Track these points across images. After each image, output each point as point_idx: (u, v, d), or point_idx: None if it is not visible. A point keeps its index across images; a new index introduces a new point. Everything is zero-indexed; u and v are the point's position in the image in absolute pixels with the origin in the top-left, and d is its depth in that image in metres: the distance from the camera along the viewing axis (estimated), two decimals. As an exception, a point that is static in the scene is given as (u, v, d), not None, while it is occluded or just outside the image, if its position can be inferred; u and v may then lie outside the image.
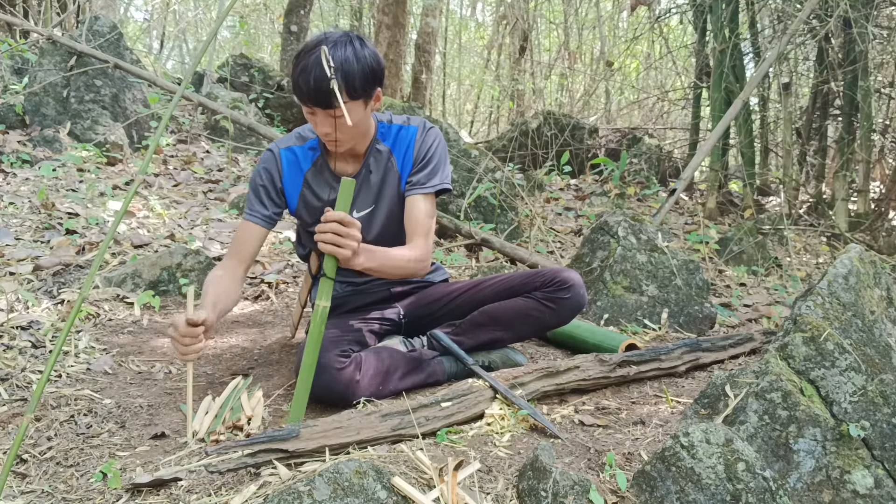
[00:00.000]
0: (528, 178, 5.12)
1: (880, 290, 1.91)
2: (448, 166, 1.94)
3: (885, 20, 5.41)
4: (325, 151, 1.90)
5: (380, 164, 1.89)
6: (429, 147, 1.89)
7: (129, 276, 2.63)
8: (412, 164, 1.89)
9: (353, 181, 1.55)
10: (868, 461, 1.41)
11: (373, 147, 1.88)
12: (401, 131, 1.91)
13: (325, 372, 1.65)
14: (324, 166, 1.89)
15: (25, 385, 1.80)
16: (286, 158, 1.89)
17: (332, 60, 1.60)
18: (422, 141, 1.89)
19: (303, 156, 1.90)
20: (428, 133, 1.90)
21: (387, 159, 1.89)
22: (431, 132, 1.91)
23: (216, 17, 12.15)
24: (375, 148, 1.89)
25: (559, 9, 9.65)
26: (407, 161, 1.89)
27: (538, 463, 1.30)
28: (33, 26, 5.66)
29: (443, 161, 1.92)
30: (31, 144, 4.38)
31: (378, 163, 1.89)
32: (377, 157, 1.89)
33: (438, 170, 1.90)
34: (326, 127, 1.71)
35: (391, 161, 1.89)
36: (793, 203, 5.08)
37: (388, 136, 1.91)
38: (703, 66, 5.56)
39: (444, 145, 1.93)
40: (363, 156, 1.88)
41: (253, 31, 12.63)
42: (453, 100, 11.91)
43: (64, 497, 1.30)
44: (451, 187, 1.94)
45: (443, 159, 1.92)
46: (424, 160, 1.88)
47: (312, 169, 1.89)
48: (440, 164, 1.90)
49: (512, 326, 1.92)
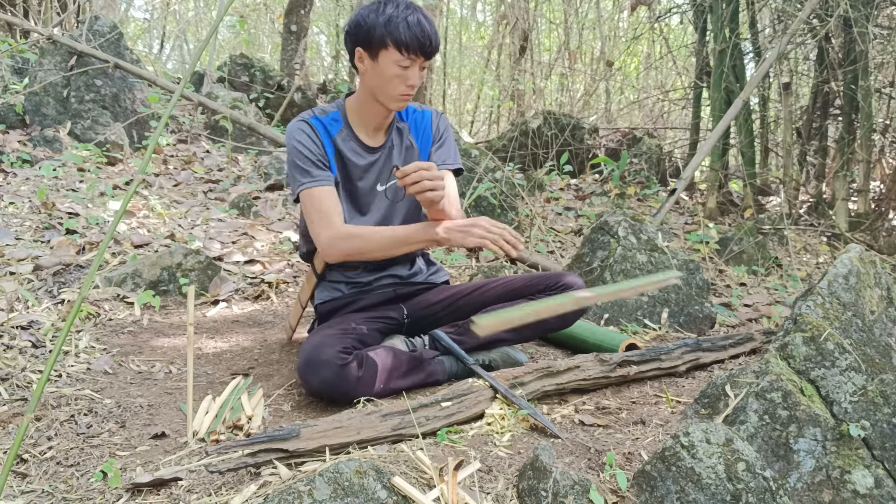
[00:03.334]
0: (529, 178, 5.12)
1: (880, 289, 1.91)
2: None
3: (885, 20, 5.41)
4: (348, 122, 1.96)
5: (402, 140, 2.00)
6: (444, 128, 2.04)
7: (129, 275, 2.63)
8: (431, 141, 2.01)
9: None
10: (868, 461, 1.41)
11: (394, 123, 1.99)
12: (416, 113, 2.03)
13: (327, 367, 1.66)
14: (350, 135, 1.96)
15: (25, 385, 1.80)
16: (318, 126, 1.94)
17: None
18: (437, 123, 2.03)
19: (329, 124, 1.96)
20: (442, 117, 2.06)
21: (406, 136, 2.01)
22: (444, 117, 2.07)
23: (216, 17, 12.14)
24: (396, 126, 1.99)
25: (559, 9, 9.65)
26: (426, 140, 2.01)
27: (538, 463, 1.30)
28: (33, 26, 5.66)
29: (456, 145, 2.06)
30: (32, 144, 4.38)
31: (400, 138, 2.00)
32: (398, 133, 2.00)
33: (455, 151, 2.04)
34: (417, 79, 1.80)
35: (410, 138, 2.01)
36: (793, 203, 5.08)
37: (405, 115, 2.02)
38: (703, 66, 5.56)
39: (452, 133, 2.09)
40: (386, 131, 1.98)
41: (253, 30, 12.62)
42: (453, 99, 11.90)
43: (64, 497, 1.30)
44: (463, 168, 2.07)
45: (455, 144, 2.06)
46: (442, 139, 2.01)
47: (340, 136, 1.95)
48: (455, 147, 2.05)
49: (514, 328, 1.92)
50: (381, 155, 1.97)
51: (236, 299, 2.76)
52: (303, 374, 1.69)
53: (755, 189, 5.20)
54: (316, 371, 1.66)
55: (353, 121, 1.94)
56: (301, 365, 1.70)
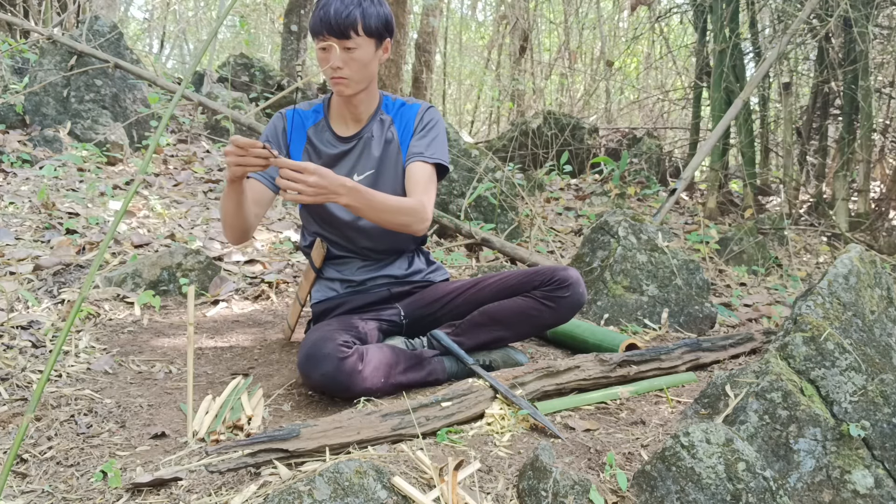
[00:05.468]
0: (529, 178, 5.12)
1: (880, 289, 1.91)
2: (446, 148, 1.99)
3: (885, 20, 5.41)
4: (328, 113, 1.97)
5: (382, 132, 1.96)
6: (429, 121, 1.97)
7: (129, 275, 2.63)
8: (412, 134, 1.95)
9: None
10: (868, 461, 1.41)
11: (377, 115, 1.96)
12: (403, 107, 2.00)
13: (328, 361, 1.65)
14: (325, 126, 1.96)
15: (26, 385, 1.80)
16: (291, 118, 1.97)
17: None
18: (422, 115, 1.97)
19: (306, 116, 1.98)
20: (429, 110, 1.99)
21: (388, 128, 1.96)
22: (432, 111, 2.00)
23: (216, 17, 12.15)
24: (379, 117, 1.97)
25: (559, 8, 9.65)
26: (407, 132, 1.96)
27: (538, 463, 1.30)
28: (33, 26, 5.66)
29: (442, 139, 1.97)
30: (32, 144, 4.38)
31: (381, 130, 1.96)
32: (380, 124, 1.96)
33: (438, 145, 1.95)
34: (338, 61, 1.77)
35: (392, 130, 1.96)
36: (793, 203, 5.08)
37: (391, 108, 1.99)
38: (704, 66, 5.56)
39: (443, 126, 2.00)
40: (365, 121, 1.96)
41: (253, 30, 12.63)
42: (453, 99, 11.91)
43: (64, 497, 1.30)
44: (449, 167, 1.98)
45: (441, 138, 1.97)
46: (424, 130, 1.95)
47: (314, 127, 1.96)
48: (439, 140, 1.96)
49: (512, 326, 1.92)
50: (354, 145, 1.96)
51: (236, 299, 2.76)
52: (303, 369, 1.69)
53: (755, 189, 5.20)
54: (316, 365, 1.66)
55: (332, 112, 1.98)
56: (301, 359, 1.70)
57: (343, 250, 2.03)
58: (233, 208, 1.77)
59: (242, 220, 1.82)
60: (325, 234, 2.02)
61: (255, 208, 1.88)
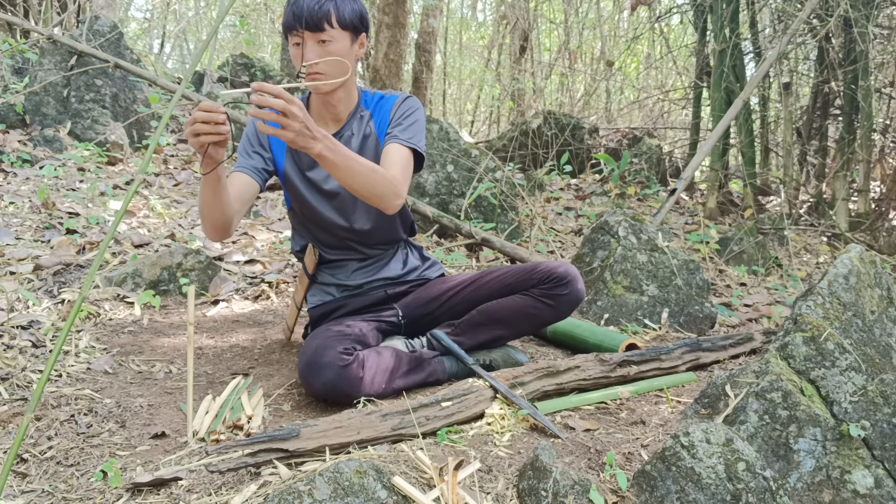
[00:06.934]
0: (529, 178, 5.12)
1: (881, 289, 1.91)
2: (424, 137, 1.94)
3: (885, 20, 5.41)
4: (309, 110, 1.94)
5: (361, 128, 1.94)
6: (407, 109, 1.93)
7: (129, 275, 2.63)
8: (388, 124, 1.92)
9: None
10: (868, 461, 1.41)
11: (356, 113, 1.94)
12: (382, 100, 1.97)
13: (329, 369, 1.65)
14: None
15: (26, 384, 1.80)
16: None
17: None
18: (399, 104, 1.94)
19: None
20: (407, 100, 1.95)
21: (367, 123, 1.94)
22: (411, 100, 1.96)
23: (216, 17, 12.14)
24: (359, 114, 1.94)
25: (559, 8, 9.65)
26: (384, 123, 1.93)
27: (538, 462, 1.30)
28: (34, 26, 5.66)
29: (419, 127, 1.92)
30: (32, 144, 4.38)
31: (359, 126, 1.94)
32: (359, 121, 1.94)
33: (415, 132, 1.90)
34: (312, 55, 1.74)
35: (370, 125, 1.94)
36: (793, 203, 5.08)
37: (370, 103, 1.97)
38: (704, 66, 5.56)
39: (422, 115, 1.95)
40: (345, 120, 1.94)
41: (253, 30, 12.62)
42: (454, 99, 11.91)
43: (64, 496, 1.30)
44: (424, 154, 1.93)
45: (419, 126, 1.92)
46: (401, 117, 1.91)
47: None
48: (416, 127, 1.91)
49: (511, 325, 1.92)
50: None
51: (236, 299, 2.76)
52: (305, 377, 1.69)
53: (755, 189, 5.20)
54: (318, 374, 1.66)
55: (312, 112, 1.95)
56: (303, 368, 1.69)
57: (336, 253, 2.02)
58: (209, 199, 1.67)
59: (221, 213, 1.71)
60: (317, 236, 2.01)
61: (237, 203, 1.80)
